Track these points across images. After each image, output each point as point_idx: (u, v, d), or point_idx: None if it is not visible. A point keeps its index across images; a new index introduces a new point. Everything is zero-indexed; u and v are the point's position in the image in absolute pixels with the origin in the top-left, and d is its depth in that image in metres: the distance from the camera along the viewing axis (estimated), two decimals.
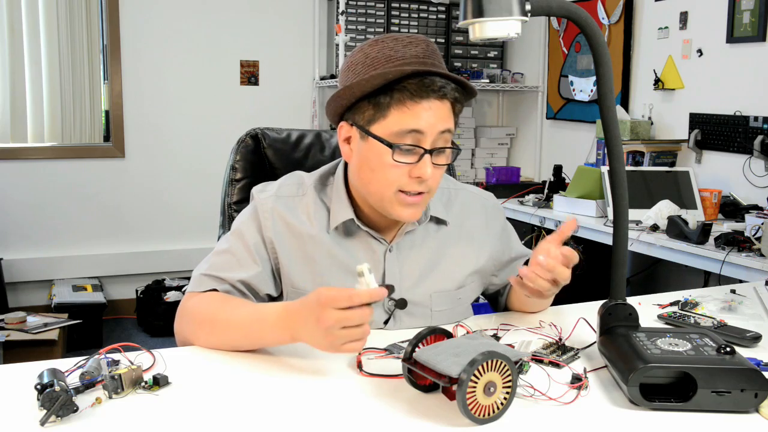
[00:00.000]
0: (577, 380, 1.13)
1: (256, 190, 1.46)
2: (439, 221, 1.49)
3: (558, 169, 3.87)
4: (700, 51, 3.70)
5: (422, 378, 1.11)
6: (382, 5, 4.77)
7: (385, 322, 1.44)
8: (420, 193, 1.34)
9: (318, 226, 1.42)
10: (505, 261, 1.58)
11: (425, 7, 4.89)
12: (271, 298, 1.43)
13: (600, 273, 1.39)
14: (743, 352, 1.25)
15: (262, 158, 1.72)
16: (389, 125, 1.30)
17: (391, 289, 1.19)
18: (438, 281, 1.47)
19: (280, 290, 1.44)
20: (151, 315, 4.24)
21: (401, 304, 1.43)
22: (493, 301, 1.66)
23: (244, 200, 1.68)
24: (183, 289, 4.26)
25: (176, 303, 4.51)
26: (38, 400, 1.01)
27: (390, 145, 1.30)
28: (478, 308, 1.65)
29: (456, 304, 1.50)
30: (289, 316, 1.21)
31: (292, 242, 1.41)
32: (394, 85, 1.29)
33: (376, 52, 1.33)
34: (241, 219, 1.45)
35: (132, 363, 1.15)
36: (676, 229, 2.85)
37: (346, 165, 1.46)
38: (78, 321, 3.77)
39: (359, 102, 1.33)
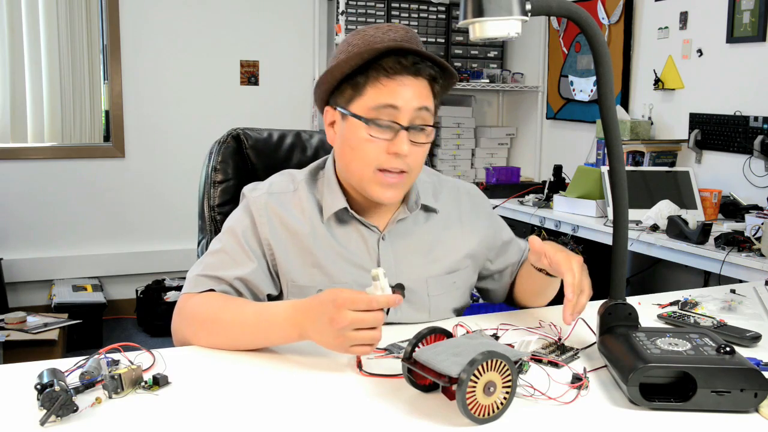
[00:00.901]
0: (577, 380, 1.13)
1: (248, 189, 1.47)
2: (428, 209, 1.52)
3: (558, 169, 3.87)
4: (700, 51, 3.70)
5: (422, 378, 1.11)
6: (382, 5, 4.77)
7: (387, 312, 1.44)
8: (401, 173, 1.37)
9: (311, 220, 1.44)
10: (499, 246, 1.61)
11: (425, 7, 4.89)
12: (270, 298, 1.44)
13: (600, 273, 1.39)
14: (743, 351, 1.25)
15: (245, 159, 1.70)
16: (366, 102, 1.35)
17: (402, 288, 1.21)
18: (431, 266, 1.49)
19: (279, 289, 1.44)
20: (151, 315, 4.24)
21: (398, 287, 1.44)
22: (485, 292, 1.68)
23: (227, 203, 1.66)
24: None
25: (176, 303, 4.52)
26: (38, 400, 1.01)
27: (366, 120, 1.34)
28: (478, 308, 1.65)
29: (451, 288, 1.52)
30: (299, 313, 1.22)
31: (288, 238, 1.42)
32: (370, 65, 1.34)
33: (357, 39, 1.39)
34: (234, 218, 1.46)
35: (132, 363, 1.15)
36: (676, 229, 2.85)
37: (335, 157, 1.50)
38: (78, 321, 3.77)
39: (340, 85, 1.38)
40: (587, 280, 1.34)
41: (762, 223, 2.63)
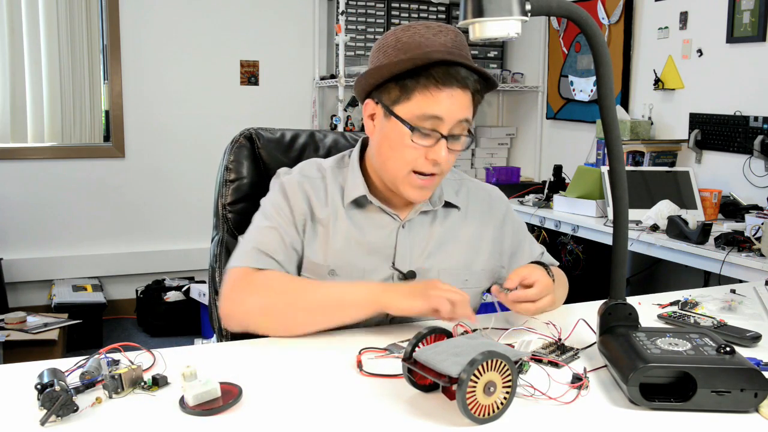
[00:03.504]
0: (577, 380, 1.13)
1: (282, 171, 1.53)
2: (450, 206, 1.55)
3: (558, 169, 3.87)
4: (700, 51, 3.70)
5: (422, 378, 1.11)
6: (382, 5, 4.77)
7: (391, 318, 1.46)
8: (432, 175, 1.41)
9: (334, 205, 1.48)
10: (509, 254, 1.61)
11: (425, 7, 4.89)
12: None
13: (600, 273, 1.39)
14: (743, 351, 1.25)
15: (257, 158, 1.71)
16: (412, 108, 1.37)
17: (413, 276, 1.34)
18: (445, 259, 1.52)
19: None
20: (151, 315, 4.24)
21: (410, 275, 1.48)
22: None
23: (238, 201, 1.67)
24: (183, 289, 4.27)
25: (176, 303, 4.50)
26: (38, 399, 1.01)
27: (411, 127, 1.37)
28: (482, 307, 1.65)
29: (462, 286, 1.52)
30: (383, 293, 1.35)
31: (312, 217, 1.47)
32: (421, 71, 1.35)
33: (407, 37, 1.39)
34: (271, 201, 1.49)
35: (132, 363, 1.15)
36: (676, 229, 2.85)
37: (363, 146, 1.54)
38: (78, 321, 3.77)
39: (387, 83, 1.40)
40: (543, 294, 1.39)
41: (762, 223, 2.63)
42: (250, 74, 4.75)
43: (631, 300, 1.42)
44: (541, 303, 1.39)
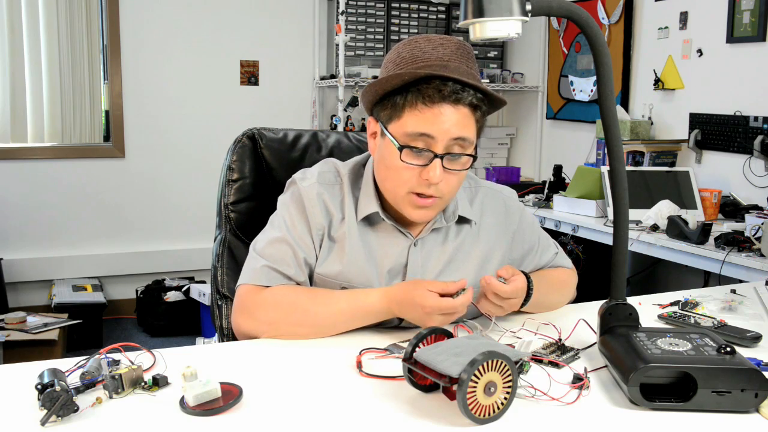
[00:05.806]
0: (578, 380, 1.13)
1: (298, 178, 1.47)
2: (464, 220, 1.50)
3: (558, 169, 3.87)
4: (700, 51, 3.70)
5: (422, 378, 1.11)
6: (382, 5, 4.77)
7: (400, 320, 1.43)
8: (432, 197, 1.36)
9: (348, 217, 1.44)
10: (519, 258, 1.58)
11: (425, 7, 4.89)
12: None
13: (600, 273, 1.39)
14: (743, 352, 1.25)
15: (259, 158, 1.72)
16: (402, 126, 1.33)
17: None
18: (455, 279, 1.46)
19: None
20: (151, 315, 4.24)
21: None
22: None
23: (241, 200, 1.68)
24: (183, 289, 4.27)
25: (176, 303, 4.49)
26: (39, 400, 1.01)
27: (400, 146, 1.33)
28: None
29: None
30: (393, 305, 1.34)
31: (328, 233, 1.44)
32: (410, 87, 1.31)
33: (407, 51, 1.36)
34: (288, 208, 1.45)
35: (132, 363, 1.15)
36: (676, 229, 2.85)
37: None
38: (78, 321, 3.77)
39: (383, 100, 1.36)
40: (511, 296, 1.38)
41: (762, 223, 2.63)
42: (250, 74, 4.75)
43: (632, 300, 1.42)
44: (506, 303, 1.37)
